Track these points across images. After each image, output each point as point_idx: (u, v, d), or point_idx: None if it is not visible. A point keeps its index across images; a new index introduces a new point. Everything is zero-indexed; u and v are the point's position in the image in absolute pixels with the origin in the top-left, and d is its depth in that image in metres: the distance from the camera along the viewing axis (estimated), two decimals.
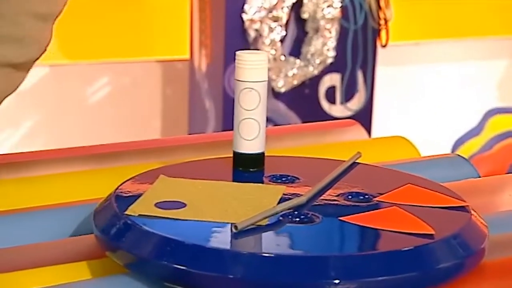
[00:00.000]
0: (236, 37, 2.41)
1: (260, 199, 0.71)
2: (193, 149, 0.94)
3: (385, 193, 0.74)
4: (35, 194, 0.83)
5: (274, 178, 0.77)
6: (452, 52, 2.90)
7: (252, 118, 0.78)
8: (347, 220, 0.67)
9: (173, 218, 0.67)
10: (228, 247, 0.64)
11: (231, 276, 0.61)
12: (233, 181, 0.78)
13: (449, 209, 0.71)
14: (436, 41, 2.85)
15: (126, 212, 0.68)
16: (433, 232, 0.65)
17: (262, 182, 0.77)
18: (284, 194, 0.73)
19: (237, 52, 0.78)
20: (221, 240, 0.65)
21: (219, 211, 0.68)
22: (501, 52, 2.98)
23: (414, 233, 0.65)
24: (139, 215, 0.67)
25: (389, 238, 0.65)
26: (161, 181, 0.75)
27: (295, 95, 2.46)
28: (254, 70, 0.78)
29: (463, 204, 0.72)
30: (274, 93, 2.42)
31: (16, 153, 0.95)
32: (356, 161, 0.83)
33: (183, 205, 0.70)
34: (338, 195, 0.73)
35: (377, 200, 0.72)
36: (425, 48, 2.84)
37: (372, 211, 0.69)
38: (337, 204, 0.72)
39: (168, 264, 0.62)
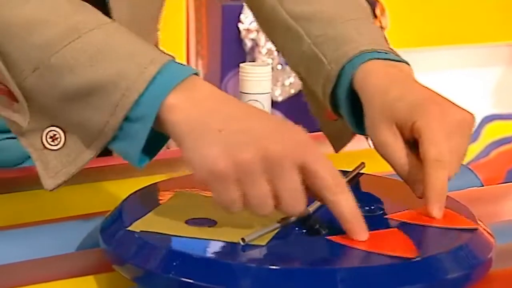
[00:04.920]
0: (232, 47, 2.41)
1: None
2: None
3: (390, 203, 0.74)
4: (41, 208, 0.83)
5: None
6: (447, 59, 2.91)
7: None
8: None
9: (182, 237, 0.67)
10: (235, 260, 0.64)
11: None
12: None
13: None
14: (431, 49, 2.86)
15: (129, 228, 0.68)
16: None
17: None
18: None
19: (241, 65, 0.78)
20: (228, 253, 0.65)
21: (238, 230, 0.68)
22: (496, 58, 2.99)
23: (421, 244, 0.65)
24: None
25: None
26: (177, 196, 0.75)
27: (292, 104, 2.47)
28: (258, 82, 0.78)
29: (469, 214, 0.72)
30: (271, 102, 2.42)
31: (22, 168, 0.95)
32: (360, 171, 0.83)
33: (213, 222, 0.70)
34: None
35: (384, 216, 0.72)
36: (421, 56, 2.85)
37: (379, 230, 0.69)
38: None
39: (175, 278, 0.62)
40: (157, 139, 0.69)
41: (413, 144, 0.75)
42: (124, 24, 0.83)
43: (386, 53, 0.82)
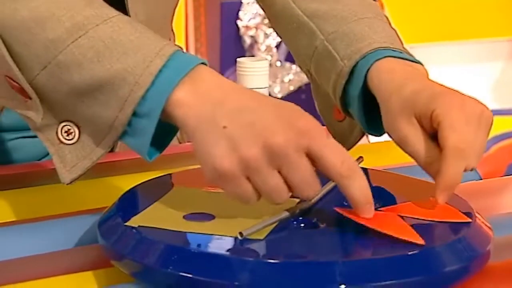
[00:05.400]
0: (231, 44, 2.42)
1: (269, 210, 0.70)
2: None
3: (388, 196, 0.74)
4: (39, 205, 0.83)
5: None
6: (447, 55, 2.91)
7: None
8: (351, 224, 0.68)
9: (180, 231, 0.67)
10: (233, 254, 0.64)
11: (237, 283, 0.61)
12: None
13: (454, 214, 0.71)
14: (430, 45, 2.86)
15: (127, 223, 0.68)
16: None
17: None
18: None
19: (238, 59, 0.78)
20: (227, 247, 0.65)
21: (236, 224, 0.68)
22: (495, 54, 2.99)
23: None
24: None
25: (394, 242, 0.65)
26: (176, 191, 0.75)
27: (292, 101, 2.45)
28: (255, 76, 0.78)
29: (467, 207, 0.72)
30: None
31: (21, 165, 0.95)
32: (359, 165, 0.83)
33: (212, 217, 0.70)
34: (341, 200, 0.73)
35: (381, 208, 0.72)
36: (419, 52, 2.84)
37: (377, 222, 0.69)
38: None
39: (174, 272, 0.62)
40: (166, 130, 0.69)
41: (434, 136, 0.74)
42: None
43: (400, 52, 0.82)
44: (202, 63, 0.68)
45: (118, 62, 0.67)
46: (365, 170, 0.83)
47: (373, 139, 1.10)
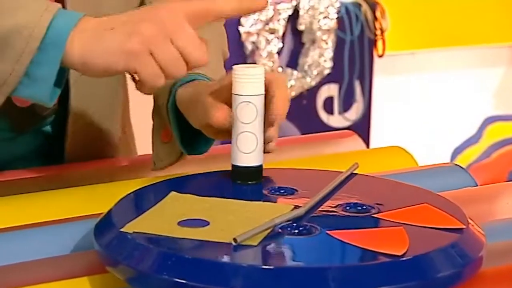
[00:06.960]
0: (233, 49, 2.41)
1: (264, 216, 0.71)
2: (192, 163, 0.95)
3: (382, 203, 0.75)
4: (36, 211, 0.84)
5: (273, 191, 0.78)
6: (448, 61, 2.91)
7: (250, 132, 0.79)
8: (342, 234, 0.68)
9: (174, 237, 0.68)
10: (227, 260, 0.64)
11: None
12: (232, 194, 0.78)
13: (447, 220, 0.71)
14: (432, 50, 2.86)
15: (122, 230, 0.68)
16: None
17: (261, 195, 0.77)
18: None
19: (234, 66, 0.79)
20: (221, 253, 0.65)
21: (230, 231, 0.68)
22: (497, 60, 2.99)
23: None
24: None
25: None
26: (171, 198, 0.76)
27: (293, 106, 2.47)
28: (251, 83, 0.78)
29: (460, 213, 0.72)
30: None
31: (16, 171, 0.95)
32: (354, 172, 0.84)
33: (206, 223, 0.70)
34: (336, 206, 0.74)
35: (375, 215, 0.73)
36: (422, 58, 2.85)
37: (371, 229, 0.70)
38: (335, 215, 0.72)
39: (168, 278, 0.63)
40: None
41: None
42: None
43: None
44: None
45: (10, 19, 0.74)
46: (359, 176, 0.84)
47: (372, 144, 1.10)
